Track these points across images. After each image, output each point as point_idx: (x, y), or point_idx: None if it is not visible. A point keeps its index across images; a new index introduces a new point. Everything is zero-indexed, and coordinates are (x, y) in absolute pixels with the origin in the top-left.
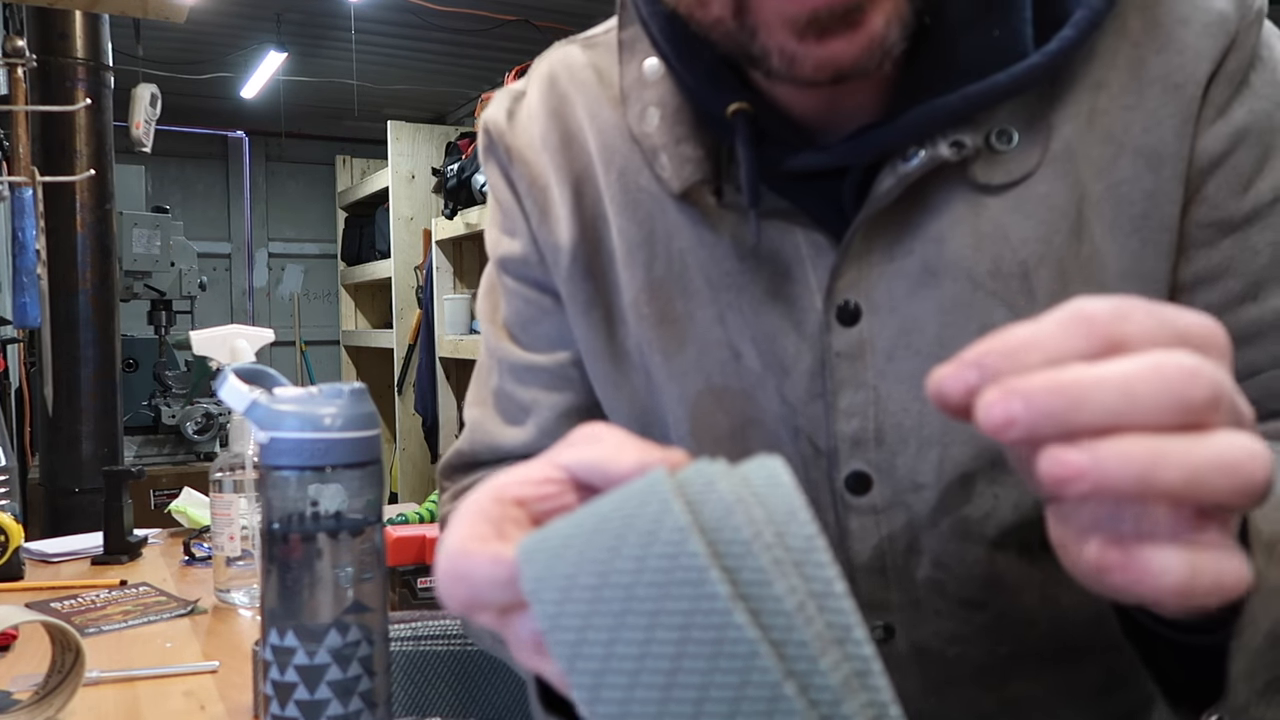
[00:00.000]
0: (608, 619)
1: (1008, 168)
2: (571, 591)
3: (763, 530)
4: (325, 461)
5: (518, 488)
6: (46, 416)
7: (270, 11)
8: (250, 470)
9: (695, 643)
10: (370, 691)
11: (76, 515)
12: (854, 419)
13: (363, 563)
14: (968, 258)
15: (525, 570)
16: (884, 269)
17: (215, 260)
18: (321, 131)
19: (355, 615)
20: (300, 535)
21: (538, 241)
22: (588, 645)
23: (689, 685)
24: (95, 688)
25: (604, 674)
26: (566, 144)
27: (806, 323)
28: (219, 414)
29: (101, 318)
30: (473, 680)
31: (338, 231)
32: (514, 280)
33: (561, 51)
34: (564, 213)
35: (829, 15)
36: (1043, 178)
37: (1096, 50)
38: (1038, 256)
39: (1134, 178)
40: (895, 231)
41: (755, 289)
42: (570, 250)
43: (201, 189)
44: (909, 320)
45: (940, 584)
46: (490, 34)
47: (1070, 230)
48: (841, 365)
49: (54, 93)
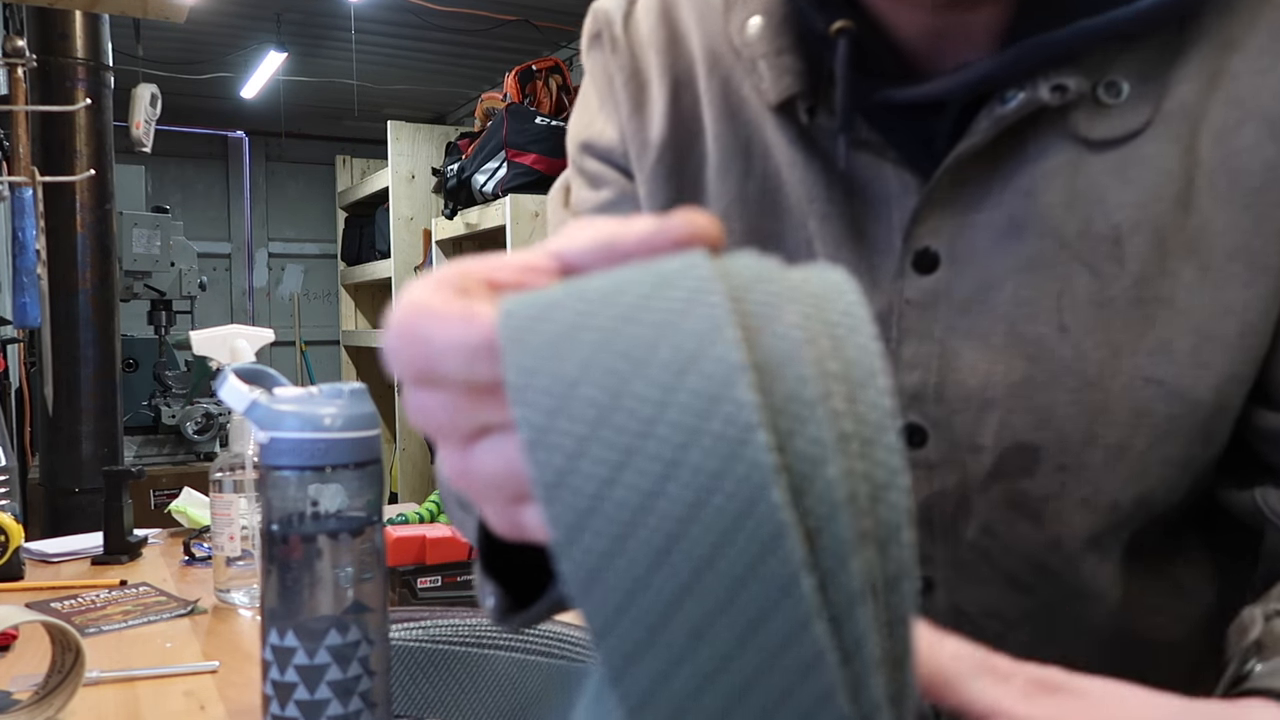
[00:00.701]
0: (611, 451)
1: (1113, 123)
2: (570, 402)
3: (833, 391)
4: (325, 461)
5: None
6: (46, 416)
7: (270, 11)
8: (250, 470)
9: (713, 509)
10: (370, 691)
11: (76, 515)
12: (915, 371)
13: (363, 563)
14: (1057, 215)
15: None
16: (968, 219)
17: (215, 260)
18: (321, 131)
19: (355, 615)
20: (300, 535)
21: (625, 134)
22: (577, 476)
23: (690, 555)
24: (95, 688)
25: (590, 516)
26: (672, 44)
27: (883, 265)
28: (219, 414)
29: (101, 318)
30: (474, 683)
31: (338, 231)
32: (597, 162)
33: None
34: (659, 110)
35: None
36: (1152, 137)
37: (1234, 6)
38: (1134, 222)
39: (1254, 146)
40: (985, 180)
41: (839, 221)
42: (658, 149)
43: (201, 189)
44: (988, 275)
45: (987, 551)
46: (490, 34)
47: (1175, 198)
48: (910, 314)
49: (54, 93)
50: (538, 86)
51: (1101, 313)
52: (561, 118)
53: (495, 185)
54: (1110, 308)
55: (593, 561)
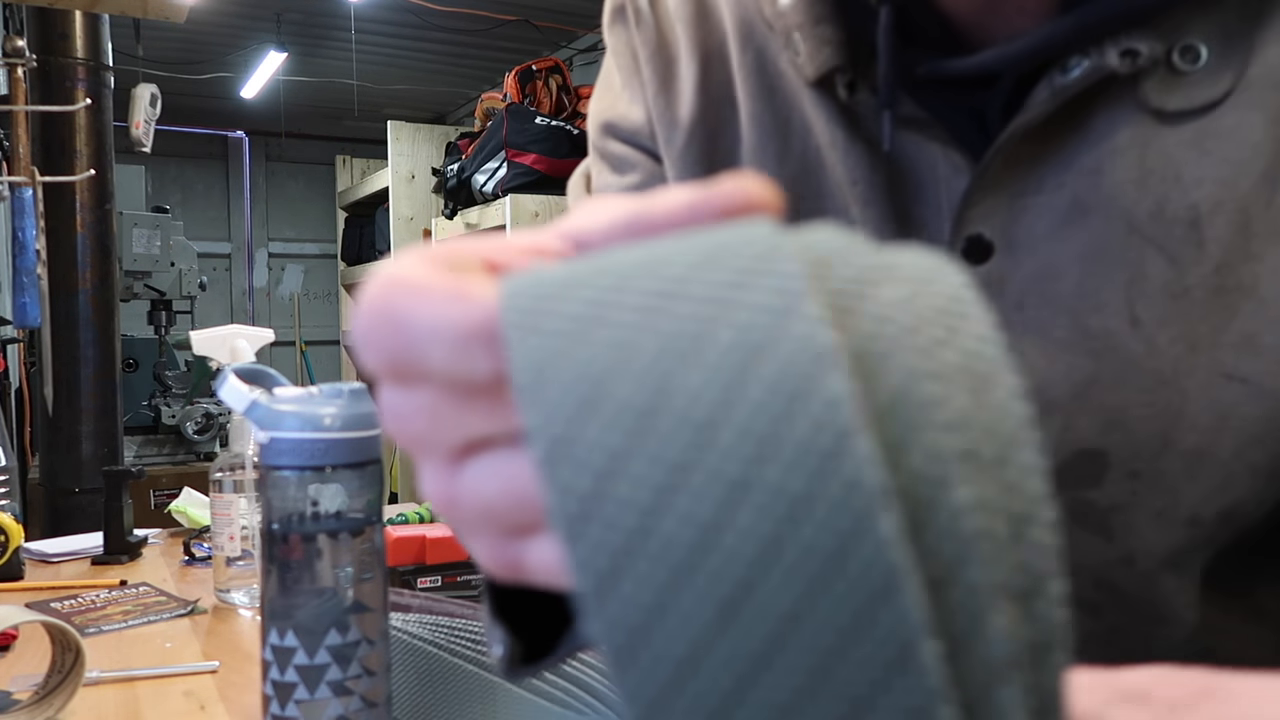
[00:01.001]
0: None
1: (1190, 92)
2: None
3: (953, 391)
4: (325, 461)
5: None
6: (46, 416)
7: (270, 11)
8: (250, 470)
9: (798, 548)
10: (370, 691)
11: (76, 515)
12: None
13: (363, 563)
14: (1128, 195)
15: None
16: (1027, 201)
17: (215, 260)
18: (321, 131)
19: (355, 615)
20: (300, 535)
21: (652, 114)
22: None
23: (767, 613)
24: (95, 688)
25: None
26: (702, 16)
27: None
28: (219, 414)
29: (101, 318)
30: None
31: (338, 231)
32: (621, 144)
33: None
34: (688, 88)
35: None
36: (1234, 106)
37: None
38: (1214, 201)
39: None
40: (1045, 158)
41: (884, 205)
42: (688, 128)
43: (201, 189)
44: (1048, 264)
45: None
46: (490, 34)
47: (1263, 174)
48: None
49: (54, 93)
50: (538, 86)
51: (1178, 304)
52: (562, 117)
53: (495, 185)
54: (1187, 298)
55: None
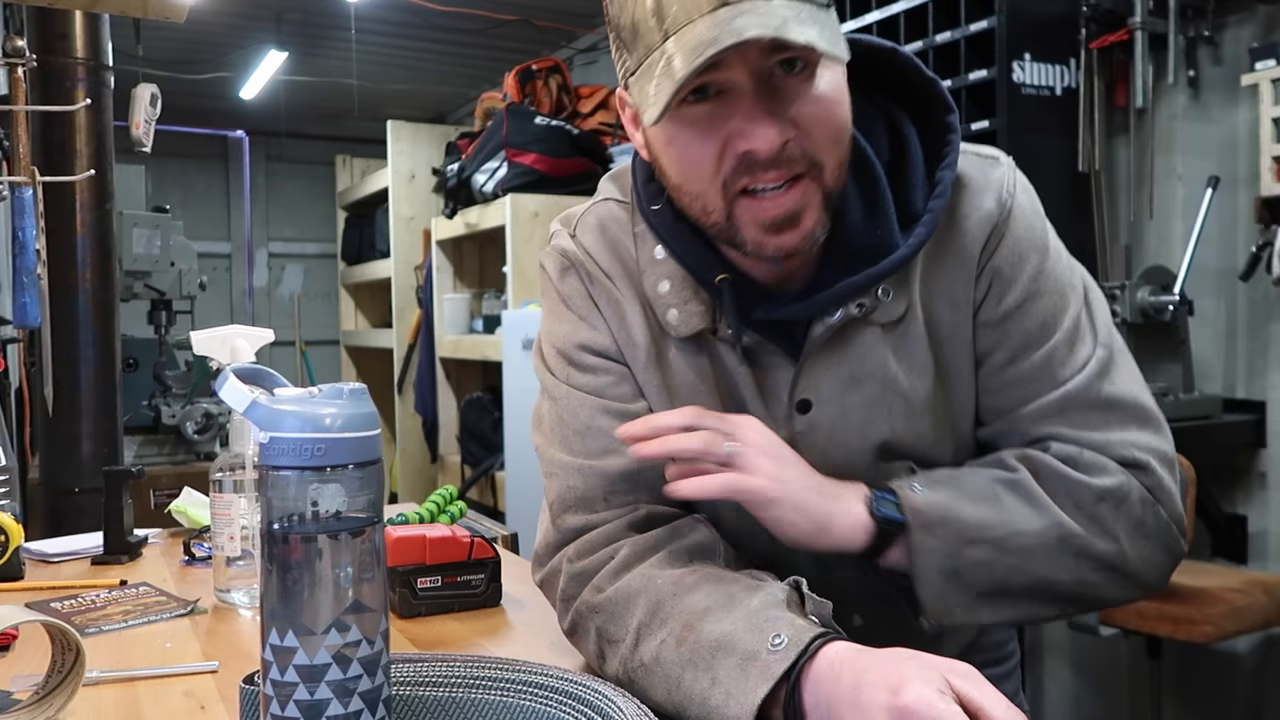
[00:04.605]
0: None
1: (889, 311)
2: None
3: None
4: (325, 461)
5: None
6: (46, 416)
7: (270, 11)
8: (250, 470)
9: None
10: (370, 691)
11: (76, 515)
12: None
13: (363, 563)
14: (879, 369)
15: None
16: (826, 375)
17: (215, 260)
18: (321, 131)
19: (355, 615)
20: (300, 535)
21: (618, 341)
22: None
23: None
24: (95, 688)
25: None
26: (628, 272)
27: (779, 410)
28: (219, 414)
29: (101, 318)
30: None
31: (338, 231)
32: (595, 356)
33: (603, 206)
34: (638, 323)
35: (782, 220)
36: (909, 320)
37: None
38: (917, 369)
39: (947, 311)
40: (831, 354)
41: (752, 387)
42: (645, 349)
43: (201, 189)
44: (842, 410)
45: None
46: (490, 34)
47: (928, 348)
48: (802, 440)
49: (54, 93)
50: (538, 86)
51: (909, 419)
52: (562, 117)
53: (495, 185)
54: (914, 416)
55: None
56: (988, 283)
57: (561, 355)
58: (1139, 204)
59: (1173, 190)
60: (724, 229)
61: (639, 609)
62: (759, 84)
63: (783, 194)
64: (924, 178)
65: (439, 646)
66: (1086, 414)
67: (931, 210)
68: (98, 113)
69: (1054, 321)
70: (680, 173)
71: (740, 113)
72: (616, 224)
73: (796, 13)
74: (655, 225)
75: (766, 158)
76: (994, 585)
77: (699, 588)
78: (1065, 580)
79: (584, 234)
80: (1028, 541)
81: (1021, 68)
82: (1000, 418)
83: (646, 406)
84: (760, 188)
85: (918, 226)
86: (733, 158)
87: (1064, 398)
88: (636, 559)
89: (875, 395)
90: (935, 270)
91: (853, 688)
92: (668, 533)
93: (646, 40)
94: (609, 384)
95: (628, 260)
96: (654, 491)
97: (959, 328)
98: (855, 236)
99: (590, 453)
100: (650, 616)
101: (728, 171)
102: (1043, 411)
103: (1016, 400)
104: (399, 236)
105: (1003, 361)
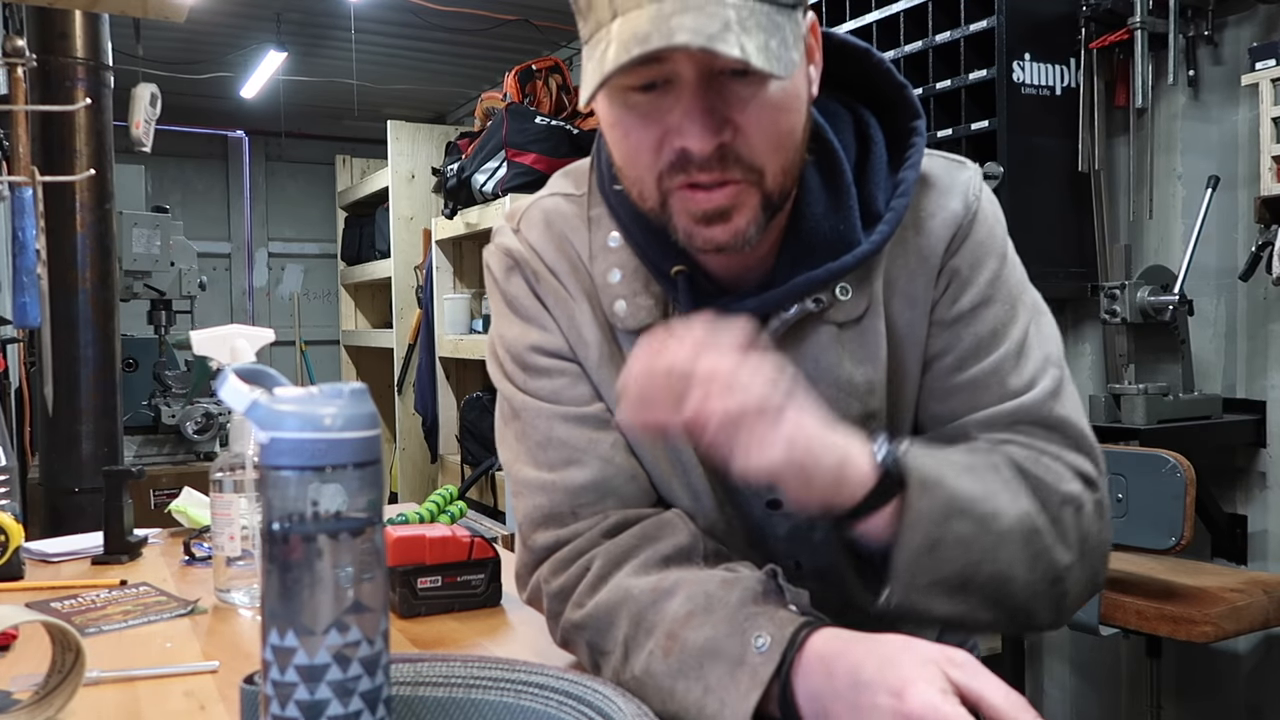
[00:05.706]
0: None
1: (848, 310)
2: None
3: None
4: (325, 461)
5: None
6: (46, 416)
7: (270, 11)
8: (250, 470)
9: None
10: (370, 691)
11: (76, 515)
12: None
13: (363, 563)
14: (834, 370)
15: None
16: None
17: (215, 260)
18: (321, 131)
19: (355, 615)
20: (300, 535)
21: (569, 339)
22: None
23: None
24: (95, 688)
25: None
26: (574, 268)
27: None
28: (219, 414)
29: (101, 317)
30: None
31: (338, 231)
32: (547, 358)
33: (549, 200)
34: (587, 321)
35: (713, 213)
36: (870, 317)
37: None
38: (872, 367)
39: (905, 309)
40: (785, 353)
41: None
42: (596, 346)
43: (201, 189)
44: None
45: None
46: (490, 34)
47: (886, 347)
48: None
49: (54, 92)
50: (538, 86)
51: (864, 422)
52: (561, 117)
53: (495, 185)
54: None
55: None
56: (946, 282)
57: (516, 361)
58: (1139, 204)
59: (1173, 190)
60: (659, 216)
61: (622, 622)
62: (703, 81)
63: (714, 190)
64: (887, 179)
65: (439, 646)
66: (1035, 430)
67: (894, 209)
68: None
69: (1003, 331)
70: (621, 156)
71: (681, 108)
72: (563, 219)
73: (745, 16)
74: (615, 207)
75: (700, 158)
76: (963, 570)
77: (676, 592)
78: (1019, 581)
79: (529, 229)
80: (1005, 525)
81: (1021, 67)
82: (945, 425)
83: (604, 407)
84: (694, 182)
85: (880, 224)
86: (670, 151)
87: (1016, 410)
88: (612, 567)
89: (828, 398)
90: (898, 269)
91: (850, 686)
92: (639, 536)
93: (598, 14)
94: (564, 386)
95: (575, 256)
96: (621, 496)
97: (914, 327)
98: (816, 229)
99: (554, 464)
100: (635, 628)
101: (664, 165)
102: (992, 421)
103: (963, 407)
104: (399, 236)
105: (951, 366)
